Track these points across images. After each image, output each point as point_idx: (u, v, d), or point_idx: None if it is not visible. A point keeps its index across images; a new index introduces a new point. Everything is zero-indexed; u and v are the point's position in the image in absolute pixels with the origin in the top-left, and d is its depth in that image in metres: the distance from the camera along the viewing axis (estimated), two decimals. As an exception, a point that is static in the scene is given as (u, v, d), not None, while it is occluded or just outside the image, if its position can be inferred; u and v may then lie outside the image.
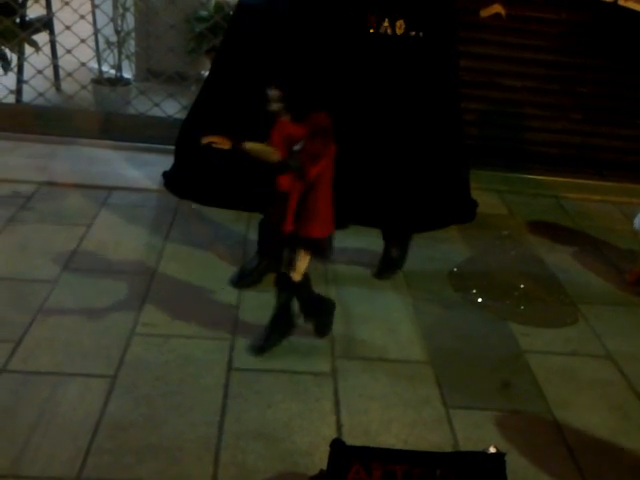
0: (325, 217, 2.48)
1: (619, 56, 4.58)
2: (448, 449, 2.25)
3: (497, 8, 3.46)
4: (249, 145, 2.40)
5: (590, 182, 4.76)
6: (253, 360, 2.60)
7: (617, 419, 2.53)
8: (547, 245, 3.83)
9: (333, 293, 3.08)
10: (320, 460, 2.06)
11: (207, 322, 2.78)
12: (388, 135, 3.07)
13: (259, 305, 2.93)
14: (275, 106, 2.39)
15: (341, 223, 3.61)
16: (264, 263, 3.12)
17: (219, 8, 4.90)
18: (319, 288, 3.09)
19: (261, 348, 2.65)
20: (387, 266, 3.33)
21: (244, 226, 3.56)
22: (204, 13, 5.02)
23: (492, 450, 1.89)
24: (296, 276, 2.55)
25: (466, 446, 2.28)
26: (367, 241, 3.48)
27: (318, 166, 2.33)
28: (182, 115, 4.05)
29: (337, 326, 2.85)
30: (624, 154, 4.88)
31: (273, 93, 2.37)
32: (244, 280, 3.10)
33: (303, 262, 2.54)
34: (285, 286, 2.60)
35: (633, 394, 2.67)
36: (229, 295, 2.98)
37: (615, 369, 2.81)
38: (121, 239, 3.32)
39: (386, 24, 3.19)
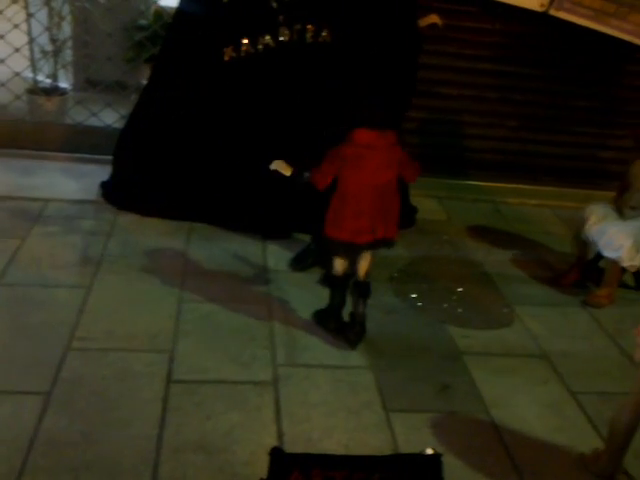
0: (330, 219, 2.70)
1: (552, 65, 4.72)
2: (388, 452, 2.27)
3: (434, 18, 3.54)
4: (274, 163, 2.74)
5: (527, 187, 4.89)
6: (193, 372, 2.57)
7: (552, 416, 2.60)
8: (485, 249, 3.92)
9: (275, 299, 3.09)
10: (261, 470, 2.03)
11: (146, 334, 2.74)
12: (328, 145, 3.11)
13: (199, 316, 2.91)
14: None
15: (284, 233, 3.66)
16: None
17: (158, 17, 4.85)
18: (262, 296, 3.11)
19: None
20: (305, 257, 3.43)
21: (184, 237, 3.52)
22: (143, 22, 4.96)
23: (429, 451, 1.92)
24: None
25: (406, 449, 2.31)
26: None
27: (316, 176, 2.64)
28: (121, 124, 4.00)
29: (279, 334, 2.86)
30: (559, 160, 5.03)
31: None
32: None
33: None
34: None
35: (567, 392, 2.76)
36: (169, 306, 2.94)
37: (550, 368, 2.89)
38: (57, 252, 3.24)
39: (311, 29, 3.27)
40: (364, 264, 2.79)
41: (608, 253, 3.33)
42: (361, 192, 2.63)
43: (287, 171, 2.70)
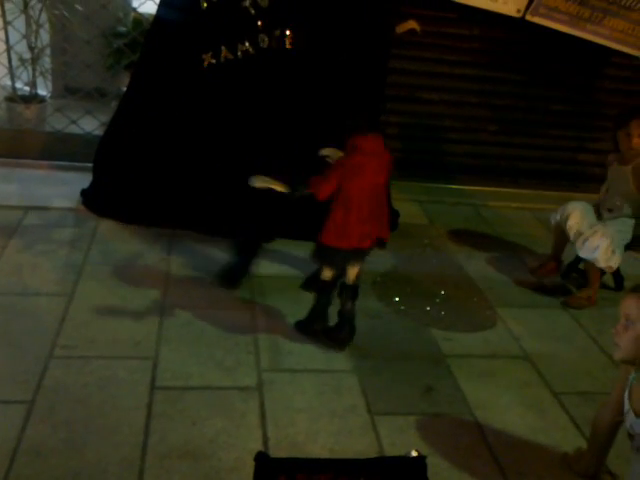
0: (332, 229, 2.69)
1: (531, 69, 4.79)
2: (373, 455, 2.27)
3: (412, 24, 3.56)
4: (259, 183, 2.69)
5: (507, 190, 4.95)
6: (177, 378, 2.56)
7: (535, 417, 2.63)
8: (466, 252, 3.95)
9: (258, 304, 3.09)
10: (247, 475, 2.05)
11: (129, 341, 2.73)
12: (311, 149, 3.12)
13: (182, 321, 2.90)
14: None
15: (267, 237, 3.65)
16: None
17: (137, 23, 4.84)
18: (245, 301, 3.11)
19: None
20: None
21: (166, 243, 3.52)
22: (122, 29, 4.95)
23: (414, 454, 1.93)
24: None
25: (391, 451, 2.31)
26: (294, 253, 3.52)
27: (321, 185, 2.63)
28: (101, 132, 3.98)
29: (262, 339, 2.86)
30: (539, 163, 5.10)
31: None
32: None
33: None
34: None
35: (549, 392, 2.78)
36: (151, 313, 2.93)
37: (532, 369, 2.92)
38: (38, 260, 3.22)
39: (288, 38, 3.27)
40: (356, 268, 2.79)
41: (584, 254, 3.37)
42: (362, 198, 2.66)
43: (280, 188, 2.68)
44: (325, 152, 2.86)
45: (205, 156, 3.50)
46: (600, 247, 3.29)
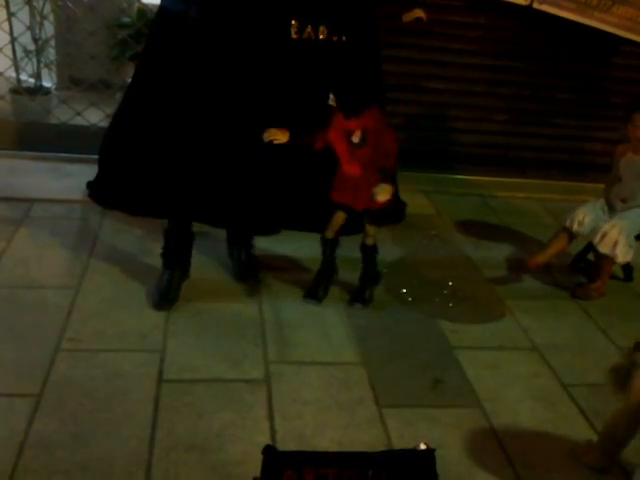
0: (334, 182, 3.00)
1: (538, 58, 4.74)
2: (382, 448, 2.26)
3: (418, 12, 3.52)
4: (268, 132, 2.87)
5: (514, 180, 4.91)
6: (184, 371, 2.56)
7: (544, 409, 2.61)
8: (474, 243, 3.92)
9: (266, 297, 3.08)
10: (254, 468, 2.02)
11: (136, 334, 2.72)
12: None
13: (189, 314, 2.89)
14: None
15: (273, 228, 3.64)
16: (177, 273, 3.06)
17: (142, 14, 4.82)
18: (253, 292, 3.10)
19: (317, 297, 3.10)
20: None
21: (173, 235, 3.50)
22: (126, 20, 4.93)
23: (422, 447, 1.92)
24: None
25: (399, 444, 2.30)
26: (299, 246, 3.50)
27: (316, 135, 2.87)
28: (106, 123, 3.97)
29: (270, 331, 2.85)
30: (546, 152, 5.06)
31: (331, 98, 2.87)
32: (169, 300, 3.01)
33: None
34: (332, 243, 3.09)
35: (558, 384, 2.76)
36: (158, 305, 2.92)
37: (541, 361, 2.90)
38: (44, 253, 3.21)
39: (309, 30, 3.23)
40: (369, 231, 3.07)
41: (604, 249, 3.34)
42: (345, 156, 2.95)
43: (284, 137, 2.81)
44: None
45: (211, 146, 3.48)
46: (619, 242, 3.27)
